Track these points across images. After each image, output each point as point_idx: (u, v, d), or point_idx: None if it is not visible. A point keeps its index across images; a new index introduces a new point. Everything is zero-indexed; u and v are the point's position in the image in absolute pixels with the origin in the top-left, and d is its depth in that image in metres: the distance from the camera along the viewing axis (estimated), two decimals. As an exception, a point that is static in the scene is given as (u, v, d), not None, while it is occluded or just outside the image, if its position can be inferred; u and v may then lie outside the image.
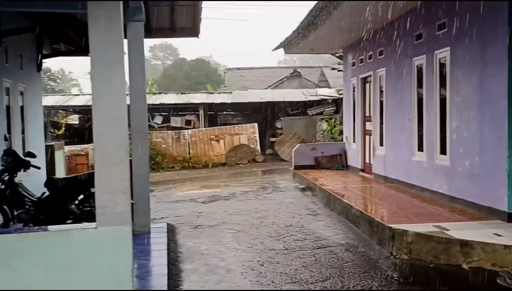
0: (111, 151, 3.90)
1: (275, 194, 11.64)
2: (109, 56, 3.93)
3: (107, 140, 3.90)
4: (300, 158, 13.69)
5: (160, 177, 18.10)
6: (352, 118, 13.20)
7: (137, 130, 7.85)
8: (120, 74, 3.95)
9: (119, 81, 3.95)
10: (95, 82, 3.93)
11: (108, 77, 3.91)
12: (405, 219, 6.97)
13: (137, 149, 7.87)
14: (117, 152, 3.92)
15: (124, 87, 3.98)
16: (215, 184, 14.62)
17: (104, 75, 3.92)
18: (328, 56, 52.68)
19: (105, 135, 3.91)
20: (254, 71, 39.27)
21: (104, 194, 3.92)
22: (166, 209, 10.42)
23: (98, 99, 3.93)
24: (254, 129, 21.44)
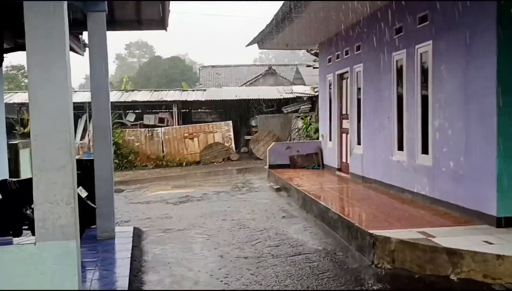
0: (51, 154, 3.36)
1: (249, 195, 11.16)
2: (48, 47, 3.37)
3: (46, 142, 3.36)
4: (275, 157, 13.23)
5: (132, 175, 17.43)
6: (328, 116, 12.81)
7: (99, 128, 7.30)
8: (62, 67, 3.39)
9: (61, 75, 3.38)
10: (31, 77, 3.37)
11: (47, 70, 3.35)
12: (386, 223, 6.56)
13: (99, 148, 7.30)
14: (59, 155, 3.37)
15: (67, 81, 3.42)
16: (188, 183, 14.06)
17: (43, 68, 3.36)
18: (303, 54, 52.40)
19: (44, 136, 3.36)
20: (230, 69, 38.78)
21: (45, 204, 3.38)
22: (135, 211, 9.85)
23: (35, 95, 3.37)
24: (228, 127, 20.92)
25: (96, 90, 7.26)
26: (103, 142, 7.27)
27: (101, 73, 7.24)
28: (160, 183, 14.67)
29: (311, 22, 10.51)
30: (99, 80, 7.22)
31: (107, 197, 7.29)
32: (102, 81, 7.23)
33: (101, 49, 7.21)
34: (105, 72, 7.27)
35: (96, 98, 7.28)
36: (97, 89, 7.25)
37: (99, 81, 7.22)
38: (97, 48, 7.20)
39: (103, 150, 7.27)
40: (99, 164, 7.24)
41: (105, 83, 7.28)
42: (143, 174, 17.54)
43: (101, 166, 7.24)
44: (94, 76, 7.23)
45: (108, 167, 7.30)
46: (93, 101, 7.30)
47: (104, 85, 7.26)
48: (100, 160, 7.26)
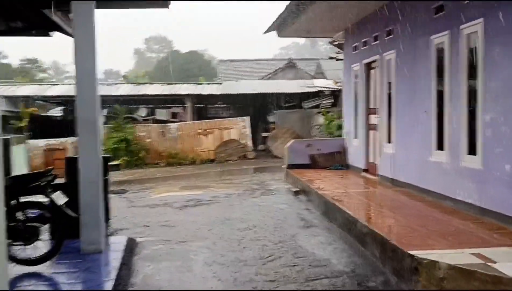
0: None
1: (264, 198, 9.95)
2: None
3: None
4: (293, 156, 12.00)
5: (141, 174, 16.40)
6: (353, 111, 11.51)
7: (85, 123, 6.22)
8: None
9: None
10: None
11: None
12: (430, 241, 5.29)
13: (84, 145, 6.20)
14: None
15: None
16: (199, 184, 12.93)
17: None
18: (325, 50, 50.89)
19: None
20: (248, 63, 37.51)
21: None
22: (134, 217, 8.75)
23: None
24: (245, 123, 19.74)
25: (81, 77, 6.18)
26: (88, 139, 6.20)
27: (87, 56, 6.15)
28: (169, 183, 13.58)
29: (335, 3, 9.24)
30: (85, 64, 6.15)
31: (93, 203, 6.21)
32: (88, 66, 6.15)
33: (87, 28, 6.13)
34: (91, 56, 6.17)
35: (81, 90, 6.21)
36: (82, 76, 6.18)
37: (85, 65, 6.15)
38: (82, 26, 6.14)
39: (89, 147, 6.19)
40: (84, 164, 6.17)
41: (91, 68, 6.20)
42: (153, 173, 16.50)
43: (86, 167, 6.16)
44: (79, 61, 6.15)
45: (95, 167, 6.20)
46: (77, 89, 6.22)
47: (90, 71, 6.19)
48: (85, 160, 6.18)
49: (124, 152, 18.48)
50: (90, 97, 6.20)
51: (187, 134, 19.49)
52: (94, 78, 6.22)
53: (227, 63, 37.59)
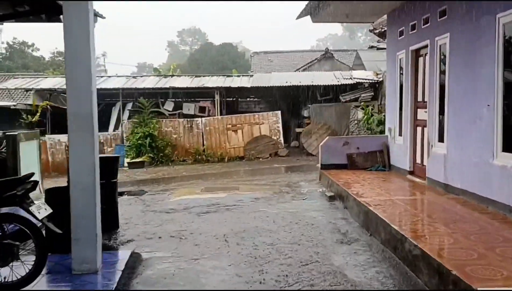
0: None
1: (294, 204, 8.76)
2: None
3: None
4: (328, 154, 10.74)
5: (164, 172, 15.52)
6: (398, 104, 10.14)
7: (76, 118, 5.19)
8: None
9: None
10: None
11: None
12: (504, 271, 4.01)
13: (76, 145, 5.20)
14: None
15: None
16: (224, 184, 11.85)
17: None
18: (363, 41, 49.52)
19: None
20: (283, 55, 36.37)
21: None
22: (147, 224, 7.74)
23: None
24: (277, 118, 18.56)
25: (72, 63, 5.16)
26: (81, 137, 5.18)
27: (79, 40, 5.13)
28: (192, 183, 12.57)
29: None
30: (76, 48, 5.12)
31: (86, 214, 5.22)
32: (81, 51, 5.12)
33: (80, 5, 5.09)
34: (84, 39, 5.13)
35: (72, 75, 5.18)
36: (73, 61, 5.15)
37: (76, 50, 5.12)
38: (74, 11, 5.11)
39: (81, 147, 5.17)
40: (75, 167, 5.16)
41: (86, 59, 5.16)
42: (178, 171, 15.59)
43: (78, 170, 5.16)
44: (70, 45, 5.14)
45: (89, 171, 5.18)
46: (68, 79, 5.21)
47: (83, 56, 5.14)
48: (77, 162, 5.17)
49: (149, 148, 17.66)
50: (83, 88, 5.17)
51: (215, 130, 18.50)
52: (88, 66, 5.18)
53: (261, 55, 36.51)
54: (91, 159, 5.20)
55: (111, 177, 7.39)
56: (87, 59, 5.16)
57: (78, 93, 5.17)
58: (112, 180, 7.35)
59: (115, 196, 7.52)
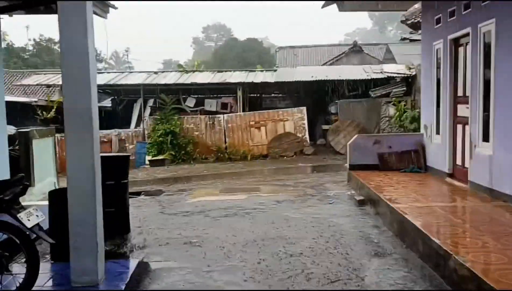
0: None
1: (320, 208, 8.01)
2: None
3: None
4: (358, 154, 9.94)
5: (185, 171, 14.97)
6: (434, 100, 9.26)
7: (73, 114, 4.59)
8: None
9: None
10: None
11: None
12: None
13: (73, 145, 4.61)
14: None
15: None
16: (245, 185, 11.18)
17: None
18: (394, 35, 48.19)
19: None
20: (309, 50, 35.47)
21: None
22: (160, 227, 7.16)
23: None
24: (302, 114, 17.78)
25: (68, 54, 4.56)
26: (79, 135, 4.59)
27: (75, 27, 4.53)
28: (212, 182, 11.96)
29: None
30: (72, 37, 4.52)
31: (86, 220, 4.62)
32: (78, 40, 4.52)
33: None
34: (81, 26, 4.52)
35: (68, 67, 4.59)
36: (69, 52, 4.56)
37: (72, 38, 4.52)
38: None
39: (80, 146, 4.58)
40: (73, 168, 4.58)
41: (82, 43, 4.56)
42: (198, 169, 15.02)
43: (76, 172, 4.58)
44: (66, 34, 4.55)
45: (88, 173, 4.60)
46: (63, 72, 4.62)
47: (80, 47, 4.55)
48: (75, 163, 4.58)
49: (170, 145, 17.16)
50: (80, 81, 4.56)
51: (237, 127, 17.87)
52: (85, 58, 4.57)
53: (286, 50, 35.72)
54: (90, 160, 4.59)
55: (122, 177, 6.81)
56: (84, 50, 4.56)
57: (75, 87, 4.59)
58: (123, 180, 6.77)
59: (125, 198, 6.94)
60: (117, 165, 6.77)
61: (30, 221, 4.16)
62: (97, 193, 4.65)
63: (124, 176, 6.88)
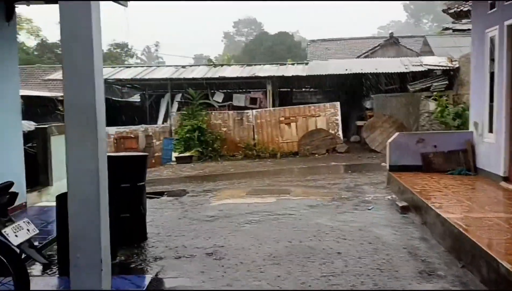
0: None
1: (356, 215, 7.16)
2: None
3: None
4: (398, 154, 9.03)
5: (212, 169, 14.32)
6: (487, 95, 8.26)
7: (75, 110, 3.95)
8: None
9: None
10: None
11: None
12: None
13: (75, 144, 3.97)
14: None
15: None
16: (274, 186, 10.41)
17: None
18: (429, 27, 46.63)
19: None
20: (341, 43, 34.30)
21: None
22: (180, 235, 6.49)
23: None
24: (335, 109, 16.86)
25: (69, 43, 3.90)
26: (81, 134, 3.95)
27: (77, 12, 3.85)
28: (239, 182, 11.22)
29: None
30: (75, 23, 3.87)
31: (88, 233, 3.96)
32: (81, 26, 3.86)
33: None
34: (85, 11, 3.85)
35: (69, 57, 3.93)
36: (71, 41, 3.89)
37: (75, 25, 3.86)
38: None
39: (82, 147, 3.93)
40: (74, 172, 3.94)
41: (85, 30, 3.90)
42: (226, 167, 14.34)
43: (77, 176, 3.93)
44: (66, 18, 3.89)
45: (91, 177, 3.96)
46: (64, 63, 3.97)
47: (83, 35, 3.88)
48: (76, 165, 3.93)
49: (197, 142, 16.56)
50: (83, 73, 3.89)
51: (267, 123, 17.11)
52: (89, 48, 3.89)
53: (317, 43, 34.67)
54: (94, 163, 3.92)
55: (138, 180, 6.17)
56: (88, 39, 3.87)
57: (77, 79, 3.91)
58: (139, 183, 6.13)
59: (142, 202, 6.30)
60: (133, 166, 6.14)
61: (18, 237, 3.53)
62: (101, 201, 3.98)
63: (141, 178, 6.24)
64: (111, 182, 5.87)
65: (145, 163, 6.37)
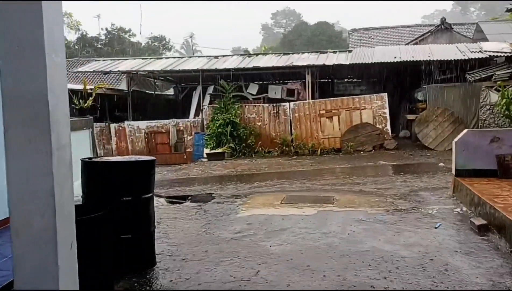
0: None
1: (422, 236, 5.61)
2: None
3: None
4: (468, 155, 7.39)
5: (244, 167, 13.00)
6: None
7: (17, 104, 2.64)
8: None
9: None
10: None
11: None
12: None
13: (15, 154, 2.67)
14: None
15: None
16: (314, 191, 8.96)
17: None
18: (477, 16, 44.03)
19: None
20: (386, 31, 32.28)
21: None
22: (197, 258, 5.17)
23: None
24: (382, 102, 15.21)
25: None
26: (27, 139, 2.66)
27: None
28: (274, 185, 9.83)
29: None
30: None
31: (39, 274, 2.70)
32: None
33: None
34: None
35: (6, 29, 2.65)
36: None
37: None
38: None
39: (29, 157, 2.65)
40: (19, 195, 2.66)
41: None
42: (259, 166, 12.99)
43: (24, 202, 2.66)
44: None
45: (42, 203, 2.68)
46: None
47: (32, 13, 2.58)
48: (21, 186, 2.67)
49: (230, 137, 15.28)
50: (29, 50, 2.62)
51: (306, 117, 15.65)
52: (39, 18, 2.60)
53: (360, 32, 32.77)
54: (46, 181, 2.66)
55: (143, 191, 4.83)
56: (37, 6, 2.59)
57: (19, 58, 2.65)
58: (145, 195, 4.79)
59: (149, 219, 4.97)
60: (137, 174, 4.80)
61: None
62: (61, 238, 2.72)
63: (147, 188, 4.89)
64: (109, 195, 4.64)
65: (152, 169, 5.03)
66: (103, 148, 17.86)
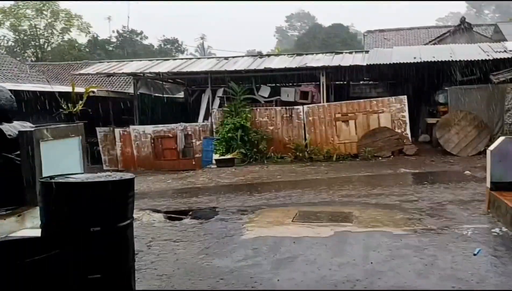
0: None
1: (459, 265, 4.73)
2: None
3: None
4: (506, 166, 6.48)
5: (255, 175, 12.21)
6: None
7: None
8: None
9: None
10: None
11: None
12: None
13: None
14: None
15: None
16: (330, 206, 8.09)
17: None
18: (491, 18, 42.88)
19: None
20: (402, 33, 31.36)
21: None
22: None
23: None
24: (402, 105, 14.32)
25: None
26: None
27: None
28: (286, 196, 9.00)
29: None
30: None
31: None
32: None
33: None
34: None
35: None
36: None
37: None
38: None
39: None
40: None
41: None
42: (271, 173, 12.18)
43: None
44: None
45: None
46: None
47: None
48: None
49: (240, 142, 14.51)
50: None
51: (320, 120, 14.83)
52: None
53: (375, 34, 31.88)
54: None
55: (118, 218, 3.72)
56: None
57: None
58: (120, 223, 3.78)
59: (126, 253, 3.87)
60: (110, 197, 3.76)
61: None
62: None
63: (123, 215, 3.79)
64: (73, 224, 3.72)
65: (129, 190, 3.95)
66: (108, 154, 17.20)
